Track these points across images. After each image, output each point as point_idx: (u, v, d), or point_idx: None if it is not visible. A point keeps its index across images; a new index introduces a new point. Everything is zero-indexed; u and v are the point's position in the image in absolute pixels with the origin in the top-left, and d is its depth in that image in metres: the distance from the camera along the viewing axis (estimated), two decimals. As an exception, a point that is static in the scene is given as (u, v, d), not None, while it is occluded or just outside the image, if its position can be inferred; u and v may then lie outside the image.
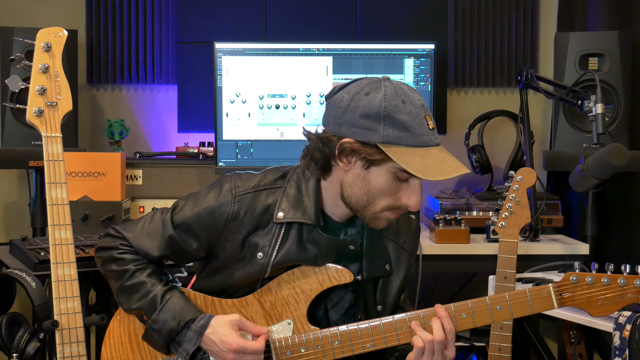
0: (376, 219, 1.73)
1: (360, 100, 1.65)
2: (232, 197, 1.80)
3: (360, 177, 1.69)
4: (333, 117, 1.69)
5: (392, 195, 1.69)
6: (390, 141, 1.63)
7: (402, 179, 1.67)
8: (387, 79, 1.68)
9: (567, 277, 1.70)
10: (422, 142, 1.64)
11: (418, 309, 1.77)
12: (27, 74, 2.01)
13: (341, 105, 1.67)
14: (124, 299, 1.84)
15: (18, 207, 3.53)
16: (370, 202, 1.70)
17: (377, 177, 1.68)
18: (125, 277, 1.83)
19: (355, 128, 1.65)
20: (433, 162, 1.62)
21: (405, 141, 1.63)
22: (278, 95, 3.17)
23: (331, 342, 1.77)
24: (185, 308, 1.80)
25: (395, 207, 1.71)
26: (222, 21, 3.50)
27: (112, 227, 1.90)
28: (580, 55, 3.05)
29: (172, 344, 1.80)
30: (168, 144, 3.56)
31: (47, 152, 1.95)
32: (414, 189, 1.68)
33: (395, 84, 1.67)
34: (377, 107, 1.63)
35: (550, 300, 1.70)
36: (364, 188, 1.69)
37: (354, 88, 1.68)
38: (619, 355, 2.13)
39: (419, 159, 1.61)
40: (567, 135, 3.07)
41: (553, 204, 3.06)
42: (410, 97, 1.65)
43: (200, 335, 1.77)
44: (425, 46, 3.19)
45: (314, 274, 1.81)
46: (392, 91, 1.65)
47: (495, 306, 1.72)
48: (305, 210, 1.78)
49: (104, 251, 1.88)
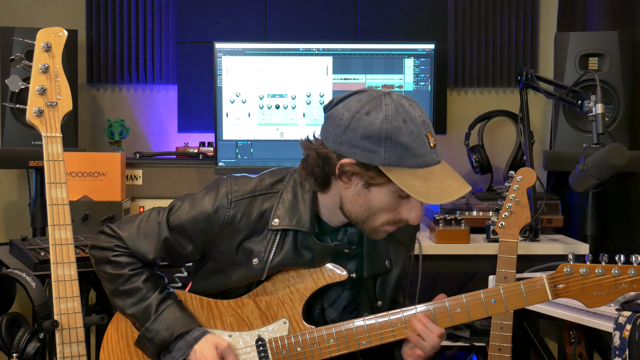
0: (376, 232, 1.73)
1: (361, 120, 1.61)
2: (228, 202, 1.79)
3: (360, 195, 1.68)
4: (333, 134, 1.65)
5: (393, 211, 1.69)
6: (391, 163, 1.60)
7: (402, 196, 1.66)
8: (387, 95, 1.64)
9: (561, 268, 1.70)
10: (424, 163, 1.61)
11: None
12: (27, 74, 2.01)
13: (341, 124, 1.63)
14: (118, 301, 1.84)
15: (18, 207, 3.53)
16: (371, 217, 1.70)
17: (378, 196, 1.67)
18: (119, 281, 1.83)
19: (356, 149, 1.62)
20: (435, 184, 1.61)
21: (406, 163, 1.60)
22: (278, 95, 3.18)
23: (327, 341, 1.78)
24: (179, 320, 1.80)
25: (396, 222, 1.72)
26: (222, 21, 3.50)
27: (107, 225, 1.88)
28: (580, 55, 3.05)
29: (162, 352, 1.81)
30: (168, 144, 3.56)
31: (47, 152, 1.95)
32: (414, 205, 1.68)
33: (396, 101, 1.63)
34: (379, 128, 1.59)
35: (544, 291, 1.70)
36: (364, 205, 1.68)
37: (354, 105, 1.64)
38: (619, 355, 2.13)
39: (421, 182, 1.60)
40: (567, 135, 3.07)
41: (553, 204, 3.06)
42: (412, 115, 1.62)
43: (190, 347, 1.78)
44: (425, 46, 3.19)
45: (308, 273, 1.81)
46: (393, 110, 1.61)
47: (489, 300, 1.73)
48: (300, 217, 1.77)
49: (99, 250, 1.86)
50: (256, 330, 1.83)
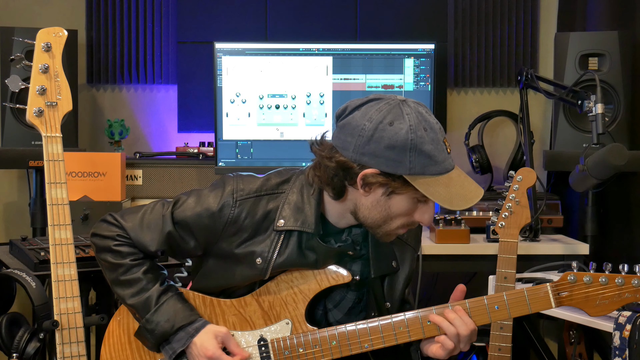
0: (388, 235, 1.75)
1: (385, 131, 1.61)
2: (233, 201, 1.79)
3: (380, 203, 1.69)
4: (354, 144, 1.64)
5: (409, 215, 1.71)
6: (416, 172, 1.62)
7: (421, 200, 1.69)
8: (404, 103, 1.65)
9: (564, 276, 1.70)
10: (444, 169, 1.64)
11: (418, 308, 1.77)
12: (27, 74, 2.01)
13: (363, 134, 1.63)
14: (118, 290, 1.84)
15: (18, 207, 3.53)
16: (387, 222, 1.71)
17: (398, 203, 1.68)
18: (120, 271, 1.82)
19: (380, 159, 1.63)
20: (456, 190, 1.64)
21: (429, 171, 1.62)
22: (278, 95, 3.18)
23: (329, 342, 1.77)
24: (180, 312, 1.79)
25: (409, 224, 1.74)
26: (222, 21, 3.50)
27: (110, 213, 1.87)
28: (580, 55, 3.05)
29: (162, 343, 1.81)
30: (168, 144, 3.56)
31: (47, 152, 1.95)
32: (428, 208, 1.70)
33: (415, 109, 1.64)
34: (404, 139, 1.60)
35: (548, 299, 1.70)
36: (383, 212, 1.70)
37: (375, 115, 1.63)
38: (619, 355, 2.13)
39: (444, 188, 1.63)
40: (567, 135, 3.06)
41: (553, 204, 3.06)
42: (431, 123, 1.64)
43: (191, 337, 1.78)
44: (425, 46, 3.19)
45: (312, 274, 1.81)
46: (415, 120, 1.62)
47: (492, 306, 1.73)
48: (306, 218, 1.77)
49: (100, 239, 1.85)
50: (258, 330, 1.83)
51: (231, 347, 1.79)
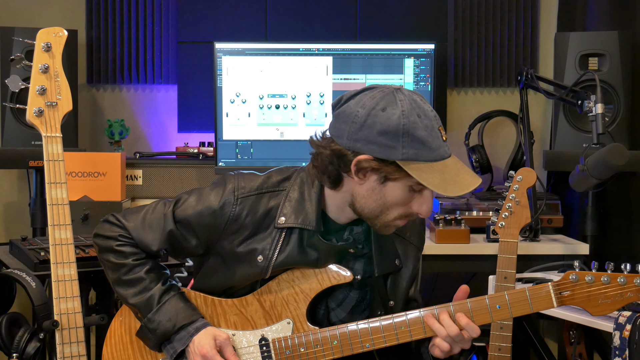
0: (387, 226, 1.74)
1: (377, 116, 1.62)
2: (234, 199, 1.79)
3: (375, 191, 1.69)
4: (347, 131, 1.66)
5: (405, 205, 1.70)
6: (409, 158, 1.62)
7: (416, 190, 1.68)
8: (399, 90, 1.66)
9: (566, 276, 1.70)
10: (439, 156, 1.64)
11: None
12: (27, 74, 2.01)
13: (356, 121, 1.64)
14: (121, 290, 1.84)
15: (18, 207, 3.53)
16: (384, 212, 1.71)
17: (393, 191, 1.68)
18: (122, 271, 1.83)
19: (373, 145, 1.63)
20: (450, 177, 1.63)
21: (423, 157, 1.62)
22: (278, 95, 3.18)
23: (330, 342, 1.77)
24: (182, 311, 1.80)
25: (407, 215, 1.73)
26: (222, 21, 3.50)
27: (111, 214, 1.88)
28: (580, 55, 3.05)
29: (164, 343, 1.81)
30: (168, 144, 3.56)
31: (47, 152, 1.95)
32: (426, 198, 1.70)
33: (409, 96, 1.65)
34: (396, 124, 1.61)
35: (549, 299, 1.70)
36: (379, 201, 1.69)
37: (368, 102, 1.65)
38: (619, 355, 2.13)
39: (438, 175, 1.62)
40: (567, 135, 3.06)
41: (553, 204, 3.06)
42: (425, 110, 1.64)
43: (191, 336, 1.78)
44: (425, 46, 3.19)
45: (313, 273, 1.81)
46: (409, 106, 1.63)
47: (494, 305, 1.73)
48: (307, 215, 1.77)
49: (103, 239, 1.86)
50: (260, 329, 1.83)
51: (226, 354, 1.78)
